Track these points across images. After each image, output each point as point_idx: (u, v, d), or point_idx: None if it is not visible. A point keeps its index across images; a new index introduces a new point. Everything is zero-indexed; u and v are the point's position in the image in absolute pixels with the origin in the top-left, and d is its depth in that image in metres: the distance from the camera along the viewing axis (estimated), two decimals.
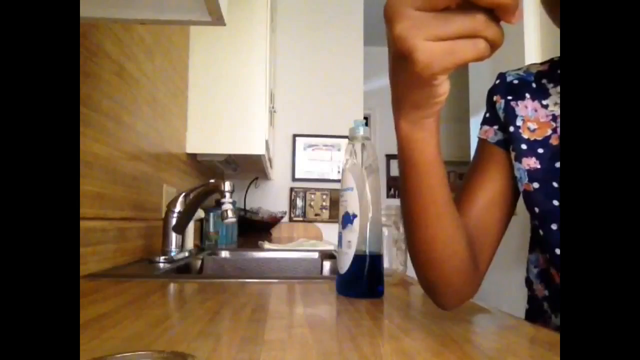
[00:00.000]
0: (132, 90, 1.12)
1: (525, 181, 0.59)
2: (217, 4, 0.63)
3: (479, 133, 0.66)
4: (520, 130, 0.60)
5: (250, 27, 1.86)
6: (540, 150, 0.59)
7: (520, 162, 0.59)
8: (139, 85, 1.17)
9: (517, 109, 0.62)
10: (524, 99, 0.62)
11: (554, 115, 0.60)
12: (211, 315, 0.52)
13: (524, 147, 0.59)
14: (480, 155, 0.64)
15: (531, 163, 0.58)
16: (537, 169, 0.58)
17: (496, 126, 0.64)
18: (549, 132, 0.59)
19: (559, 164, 0.57)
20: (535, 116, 0.61)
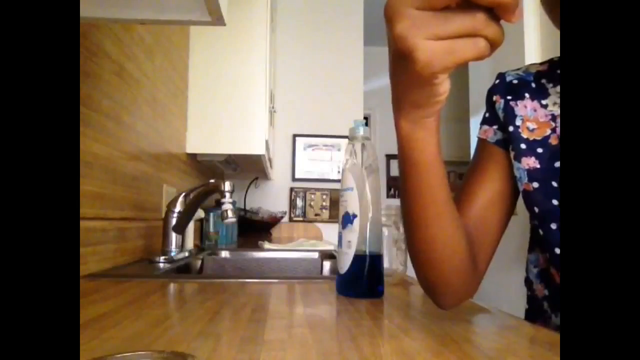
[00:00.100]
0: (132, 90, 1.12)
1: (525, 181, 0.59)
2: (217, 4, 0.63)
3: (478, 133, 0.66)
4: (520, 130, 0.61)
5: (250, 27, 1.86)
6: (539, 150, 0.59)
7: (519, 162, 0.59)
8: (139, 85, 1.17)
9: (517, 109, 0.62)
10: (523, 98, 0.62)
11: (553, 115, 0.60)
12: (211, 315, 0.52)
13: (524, 147, 0.59)
14: (479, 155, 0.64)
15: (530, 163, 0.58)
16: (537, 169, 0.58)
17: (496, 126, 0.64)
18: (548, 132, 0.59)
19: (558, 164, 0.57)
20: (534, 116, 0.61)
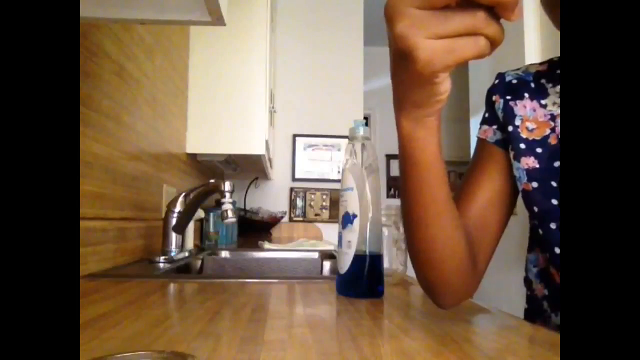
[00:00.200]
0: (132, 90, 1.12)
1: (524, 180, 0.59)
2: (217, 4, 0.63)
3: (478, 133, 0.66)
4: (519, 130, 0.61)
5: (250, 27, 1.86)
6: (538, 150, 0.59)
7: (519, 162, 0.59)
8: (139, 85, 1.17)
9: (516, 109, 0.62)
10: (522, 98, 0.62)
11: (552, 115, 0.60)
12: (211, 315, 0.52)
13: (523, 147, 0.59)
14: (479, 155, 0.64)
15: (530, 162, 0.59)
16: (536, 169, 0.58)
17: (495, 126, 0.64)
18: (547, 132, 0.59)
19: (557, 164, 0.57)
20: (533, 116, 0.61)
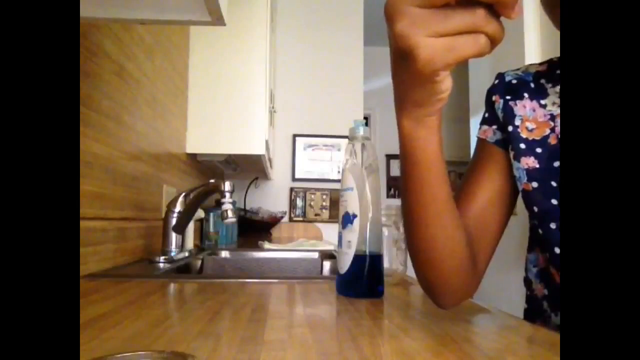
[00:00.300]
0: (132, 90, 1.12)
1: (524, 180, 0.59)
2: (217, 4, 0.63)
3: (478, 133, 0.66)
4: (519, 130, 0.61)
5: (250, 27, 1.86)
6: (538, 150, 0.59)
7: (519, 162, 0.59)
8: (139, 85, 1.17)
9: (516, 109, 0.62)
10: (522, 98, 0.62)
11: (552, 115, 0.60)
12: (211, 315, 0.52)
13: (523, 147, 0.59)
14: (479, 155, 0.64)
15: (530, 162, 0.59)
16: (536, 169, 0.58)
17: (495, 126, 0.64)
18: (547, 132, 0.59)
19: (557, 164, 0.57)
20: (533, 116, 0.61)
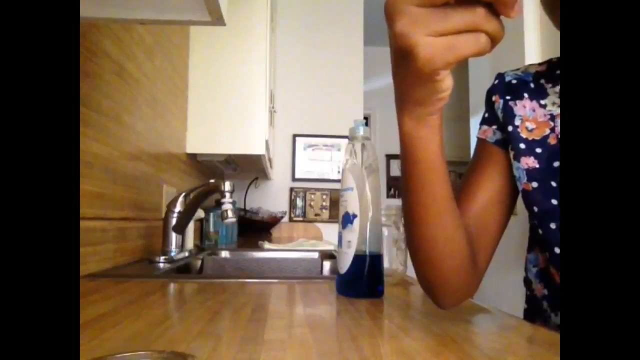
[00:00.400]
0: (132, 90, 1.12)
1: (524, 180, 0.59)
2: (217, 4, 0.63)
3: (478, 133, 0.66)
4: (519, 130, 0.61)
5: (250, 27, 1.86)
6: (538, 150, 0.59)
7: (519, 162, 0.59)
8: (139, 85, 1.17)
9: (516, 109, 0.62)
10: (522, 98, 0.62)
11: (552, 115, 0.60)
12: (211, 315, 0.52)
13: (523, 147, 0.59)
14: (479, 155, 0.64)
15: (530, 162, 0.59)
16: (536, 169, 0.58)
17: (495, 126, 0.64)
18: (547, 132, 0.59)
19: (557, 164, 0.57)
20: (533, 116, 0.61)
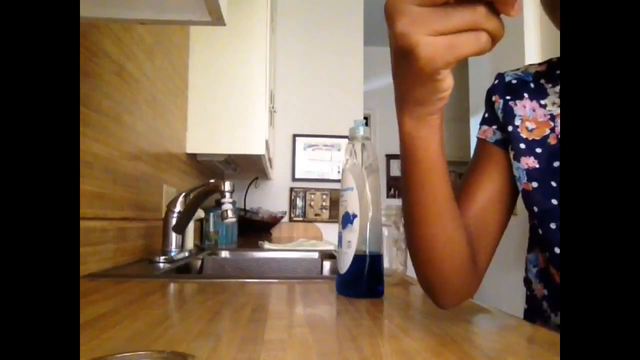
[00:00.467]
0: (132, 90, 1.12)
1: (524, 180, 0.59)
2: (217, 4, 0.63)
3: (478, 133, 0.66)
4: (519, 130, 0.61)
5: (250, 27, 1.86)
6: (538, 150, 0.59)
7: (519, 162, 0.59)
8: (139, 85, 1.17)
9: (516, 109, 0.62)
10: (522, 98, 0.62)
11: (552, 115, 0.60)
12: (211, 315, 0.52)
13: (523, 147, 0.59)
14: (479, 155, 0.64)
15: (530, 162, 0.59)
16: (536, 169, 0.58)
17: (495, 126, 0.64)
18: (547, 132, 0.59)
19: (557, 164, 0.57)
20: (533, 116, 0.61)
